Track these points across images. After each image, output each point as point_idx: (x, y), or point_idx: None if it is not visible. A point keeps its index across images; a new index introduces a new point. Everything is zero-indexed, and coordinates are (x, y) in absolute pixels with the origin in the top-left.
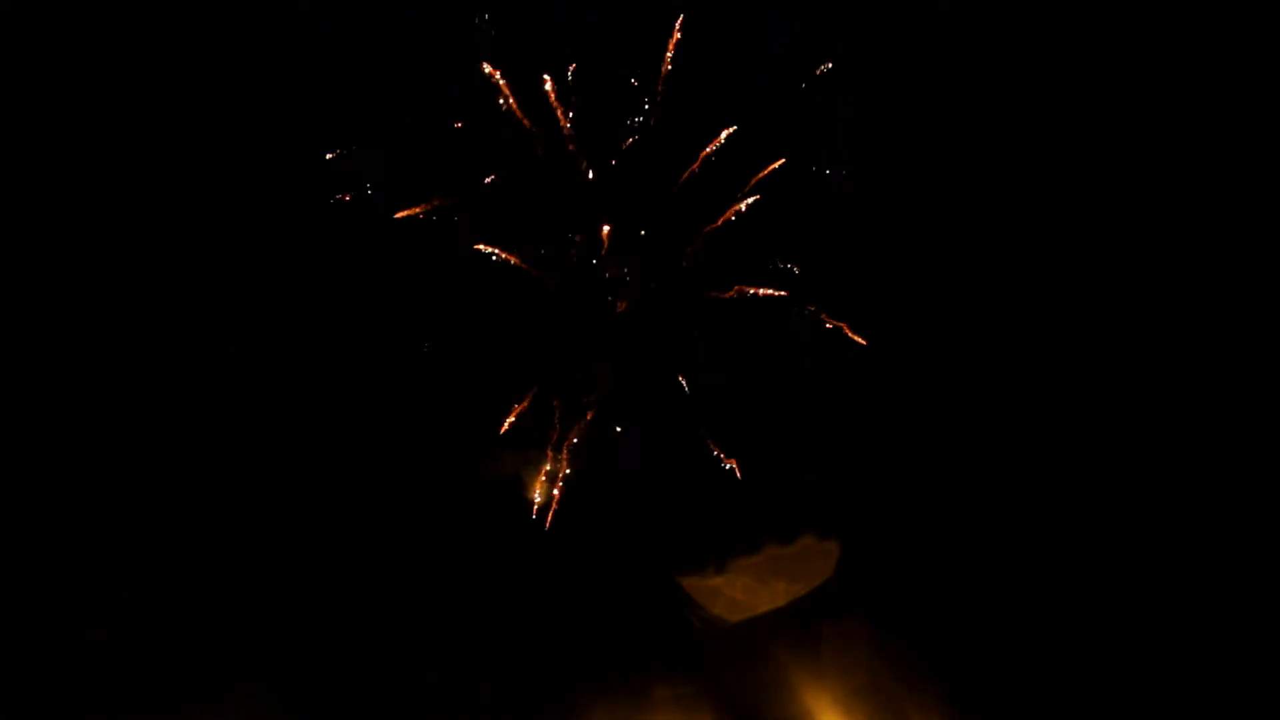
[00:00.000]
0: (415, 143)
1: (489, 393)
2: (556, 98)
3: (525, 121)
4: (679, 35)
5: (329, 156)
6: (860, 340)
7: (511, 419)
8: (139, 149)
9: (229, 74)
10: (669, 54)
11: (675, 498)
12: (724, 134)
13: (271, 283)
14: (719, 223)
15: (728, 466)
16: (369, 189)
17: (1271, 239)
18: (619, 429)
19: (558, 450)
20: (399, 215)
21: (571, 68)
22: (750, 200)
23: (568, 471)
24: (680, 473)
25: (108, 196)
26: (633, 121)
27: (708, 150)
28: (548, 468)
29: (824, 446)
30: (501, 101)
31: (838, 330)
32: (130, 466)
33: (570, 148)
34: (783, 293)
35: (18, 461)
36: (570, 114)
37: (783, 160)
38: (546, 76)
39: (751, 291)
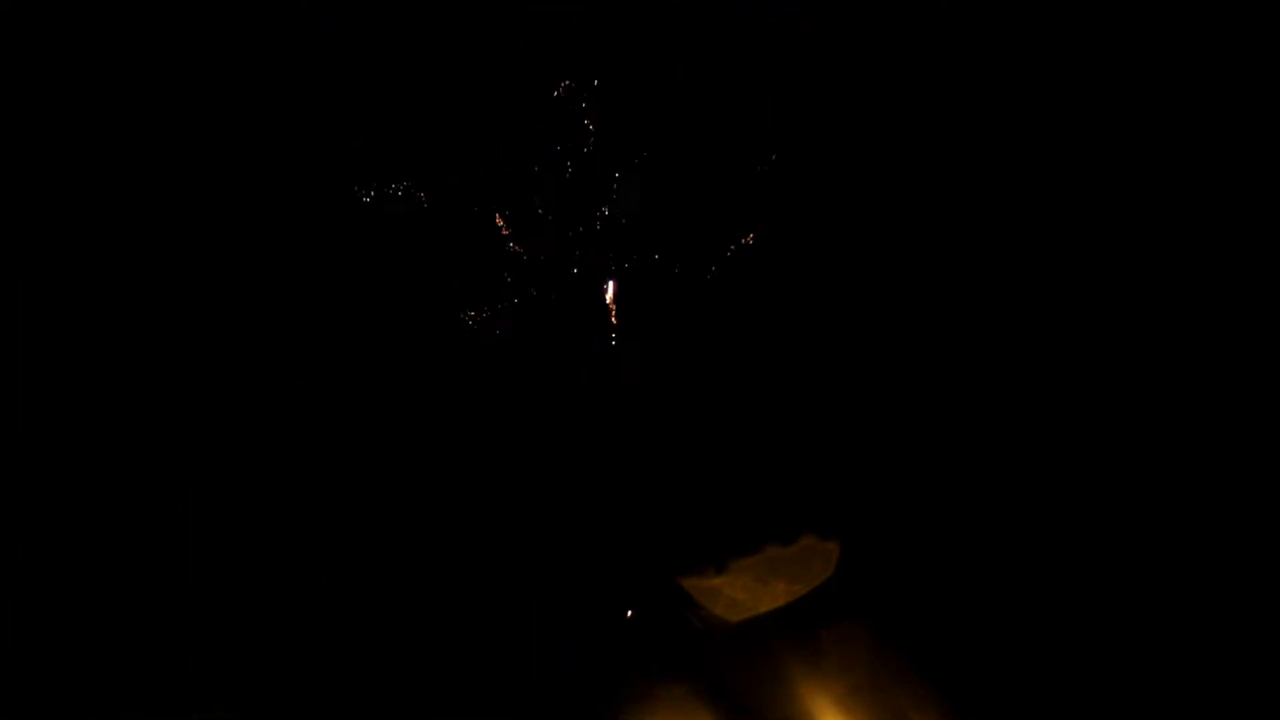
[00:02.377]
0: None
1: (491, 391)
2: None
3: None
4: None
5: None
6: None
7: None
8: (138, 148)
9: (229, 73)
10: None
11: (675, 498)
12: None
13: (271, 282)
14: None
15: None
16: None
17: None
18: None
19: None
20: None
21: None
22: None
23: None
24: (680, 473)
25: (107, 196)
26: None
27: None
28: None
29: (823, 446)
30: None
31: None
32: (130, 466)
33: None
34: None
35: (18, 461)
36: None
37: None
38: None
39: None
